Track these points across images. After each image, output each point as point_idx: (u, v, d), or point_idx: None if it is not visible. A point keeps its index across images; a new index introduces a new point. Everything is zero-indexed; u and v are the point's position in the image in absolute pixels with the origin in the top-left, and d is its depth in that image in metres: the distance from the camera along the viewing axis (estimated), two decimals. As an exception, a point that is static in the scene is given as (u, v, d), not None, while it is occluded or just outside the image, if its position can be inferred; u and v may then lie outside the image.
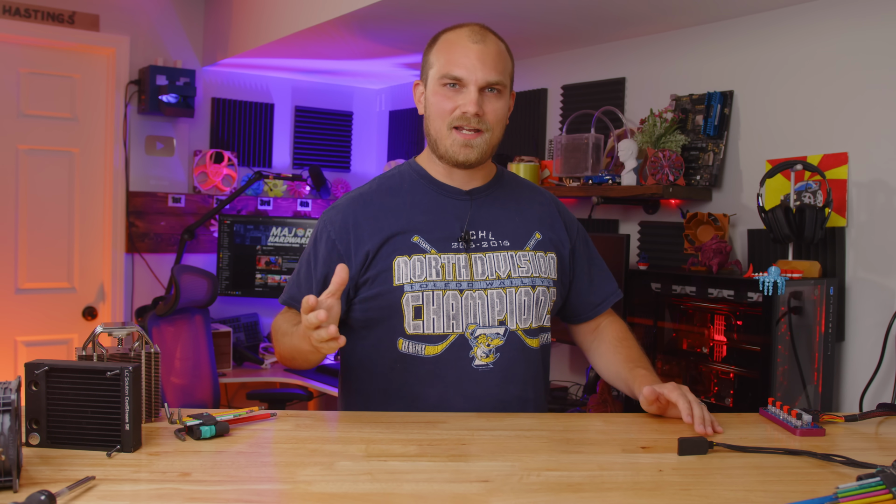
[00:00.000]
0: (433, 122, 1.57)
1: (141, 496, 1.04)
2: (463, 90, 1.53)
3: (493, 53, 1.54)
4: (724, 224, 2.62)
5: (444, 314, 1.53)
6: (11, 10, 3.53)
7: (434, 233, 1.57)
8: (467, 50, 1.53)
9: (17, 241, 3.68)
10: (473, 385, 1.54)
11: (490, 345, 1.55)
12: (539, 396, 1.64)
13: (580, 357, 3.25)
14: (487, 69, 1.52)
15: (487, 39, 1.55)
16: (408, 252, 1.54)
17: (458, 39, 1.55)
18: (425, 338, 1.53)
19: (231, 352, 3.74)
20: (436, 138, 1.58)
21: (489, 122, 1.55)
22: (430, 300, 1.52)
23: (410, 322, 1.53)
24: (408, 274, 1.53)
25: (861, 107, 2.37)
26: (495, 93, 1.55)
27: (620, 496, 1.08)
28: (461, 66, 1.52)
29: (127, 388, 1.20)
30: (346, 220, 1.59)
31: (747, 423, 1.48)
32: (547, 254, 1.64)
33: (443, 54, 1.56)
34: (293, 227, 3.97)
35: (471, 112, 1.52)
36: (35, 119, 3.69)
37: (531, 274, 1.59)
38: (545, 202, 1.72)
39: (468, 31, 1.56)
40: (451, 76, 1.53)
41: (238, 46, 3.67)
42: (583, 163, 2.99)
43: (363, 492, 1.07)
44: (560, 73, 3.40)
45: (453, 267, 1.54)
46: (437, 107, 1.55)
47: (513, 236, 1.61)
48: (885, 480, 1.02)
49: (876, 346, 2.27)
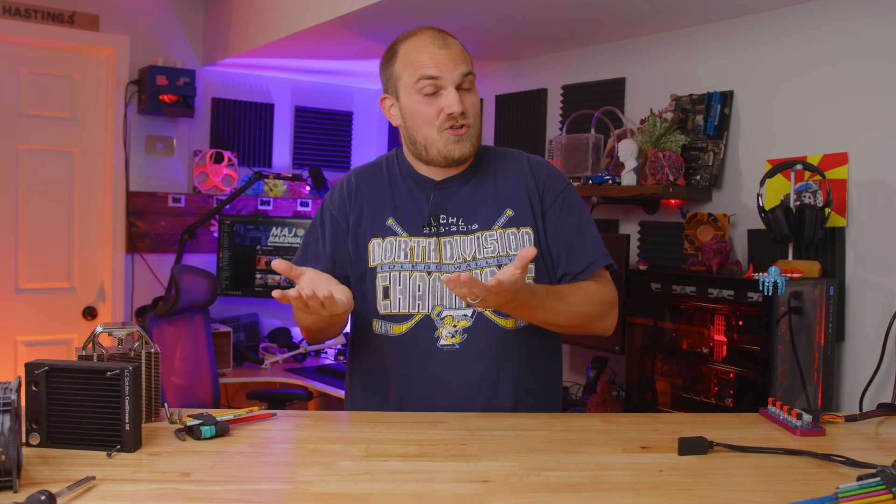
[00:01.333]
0: (420, 130, 1.60)
1: (141, 496, 1.04)
2: (442, 93, 1.57)
3: (459, 51, 1.60)
4: (724, 224, 2.62)
5: (410, 294, 1.58)
6: (11, 10, 3.53)
7: (407, 216, 1.63)
8: (435, 55, 1.57)
9: (17, 241, 3.68)
10: (438, 364, 1.58)
11: (457, 325, 1.58)
12: (521, 379, 1.61)
13: (580, 357, 3.25)
14: (459, 64, 1.58)
15: (448, 40, 1.61)
16: (381, 234, 1.62)
17: (423, 47, 1.59)
18: (392, 317, 1.60)
19: (231, 352, 3.74)
20: (425, 144, 1.60)
21: (471, 115, 1.60)
22: (397, 280, 1.59)
23: (381, 302, 1.60)
24: (380, 255, 1.61)
25: (861, 107, 2.37)
26: (468, 88, 1.60)
27: (620, 496, 1.08)
28: (435, 69, 1.57)
29: (127, 388, 1.20)
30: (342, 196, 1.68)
31: (747, 423, 1.48)
32: (520, 229, 1.62)
33: (410, 64, 1.59)
34: (293, 227, 3.97)
35: (457, 111, 1.56)
36: (35, 119, 3.69)
37: (497, 254, 1.59)
38: (522, 170, 1.67)
39: (429, 38, 1.60)
40: (428, 77, 1.56)
41: (238, 46, 3.67)
42: (583, 163, 2.99)
43: (363, 492, 1.07)
44: (560, 73, 3.40)
45: (423, 250, 1.60)
46: (421, 115, 1.59)
47: (482, 219, 1.63)
48: (885, 480, 1.02)
49: (876, 346, 2.27)
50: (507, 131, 3.67)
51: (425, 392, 1.58)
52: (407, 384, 1.59)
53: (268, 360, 3.80)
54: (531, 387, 1.64)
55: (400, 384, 1.60)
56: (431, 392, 1.58)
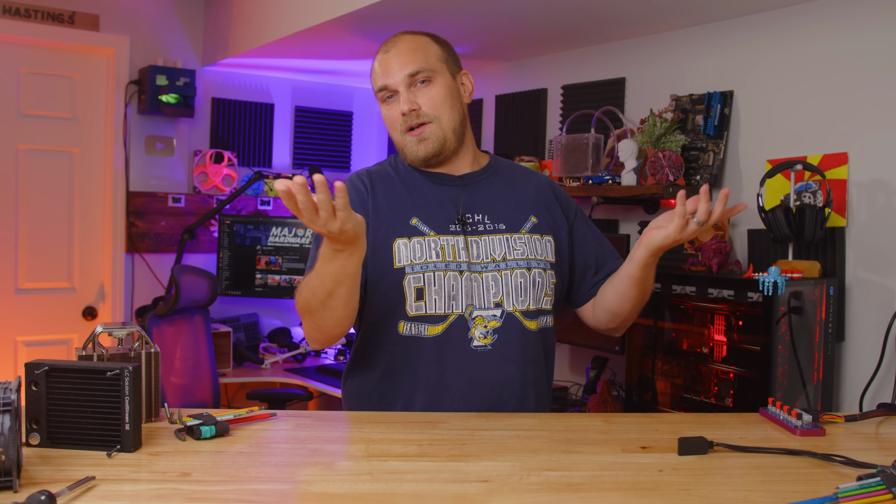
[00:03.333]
0: (392, 135, 1.66)
1: (141, 496, 1.04)
2: (396, 97, 1.61)
3: (407, 50, 1.61)
4: (724, 224, 2.62)
5: (446, 294, 1.55)
6: (11, 10, 3.53)
7: (431, 215, 1.60)
8: (383, 60, 1.62)
9: (17, 241, 3.68)
10: (472, 366, 1.56)
11: (487, 326, 1.57)
12: (540, 379, 1.64)
13: (580, 357, 3.25)
14: (403, 65, 1.59)
15: (399, 41, 1.63)
16: (407, 234, 1.58)
17: (378, 56, 1.65)
18: (427, 318, 1.55)
19: (231, 352, 3.74)
20: (400, 148, 1.65)
21: (429, 111, 1.60)
22: (432, 281, 1.55)
23: (413, 304, 1.55)
24: (408, 256, 1.56)
25: (861, 107, 2.37)
26: (425, 83, 1.60)
27: (620, 496, 1.08)
28: (381, 76, 1.62)
29: (127, 388, 1.20)
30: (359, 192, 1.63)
31: (747, 423, 1.48)
32: (543, 237, 1.65)
33: (373, 73, 1.66)
34: (293, 227, 3.97)
35: (406, 111, 1.59)
36: (35, 119, 3.69)
37: (526, 256, 1.61)
38: (541, 186, 1.74)
39: (384, 45, 1.65)
40: (379, 88, 1.62)
41: (238, 46, 3.67)
42: (583, 163, 2.99)
43: (363, 492, 1.07)
44: (560, 73, 3.40)
45: (452, 248, 1.57)
46: (387, 120, 1.65)
47: (508, 220, 1.63)
48: (885, 480, 1.02)
49: (876, 346, 2.27)
50: (507, 131, 3.67)
51: (460, 394, 1.56)
52: (441, 386, 1.56)
53: (268, 360, 3.80)
54: (543, 386, 1.67)
55: (433, 386, 1.56)
56: (467, 393, 1.56)
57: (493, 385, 1.57)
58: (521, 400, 1.60)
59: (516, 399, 1.59)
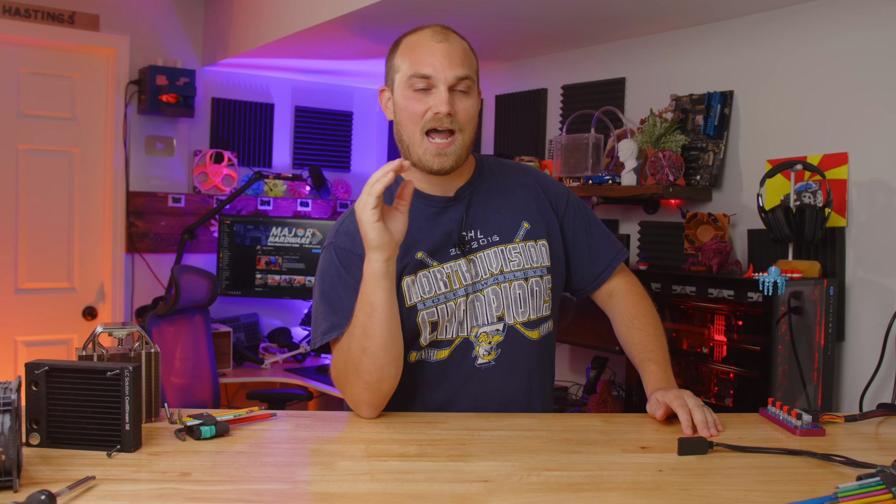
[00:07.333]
0: (405, 128, 1.53)
1: (141, 496, 1.04)
2: (433, 91, 1.50)
3: (459, 51, 1.52)
4: (724, 224, 2.62)
5: (456, 321, 1.55)
6: (11, 10, 3.53)
7: (433, 245, 1.56)
8: (433, 49, 1.50)
9: (17, 241, 3.67)
10: (477, 384, 1.56)
11: (491, 342, 1.56)
12: (544, 386, 1.65)
13: (580, 357, 3.25)
14: (455, 66, 1.49)
15: (451, 38, 1.53)
16: (413, 270, 1.53)
17: (422, 41, 1.52)
18: (437, 343, 1.55)
19: (231, 352, 3.74)
20: (408, 144, 1.53)
21: (461, 121, 1.50)
22: (445, 313, 1.53)
23: (427, 336, 1.53)
24: (418, 292, 1.53)
25: (861, 107, 2.37)
26: (465, 91, 1.51)
27: (620, 496, 1.08)
28: (428, 65, 1.49)
29: (127, 388, 1.20)
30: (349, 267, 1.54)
31: (747, 423, 1.48)
32: (537, 242, 1.62)
33: (408, 56, 1.53)
34: (293, 227, 3.97)
35: (443, 112, 1.48)
36: (35, 119, 3.69)
37: (522, 266, 1.59)
38: (528, 184, 1.67)
39: (431, 31, 1.54)
40: (419, 75, 1.49)
41: (238, 46, 3.67)
42: (583, 163, 2.99)
43: (363, 492, 1.07)
44: (560, 73, 3.40)
45: (457, 274, 1.55)
46: (408, 111, 1.51)
47: (501, 230, 1.60)
48: (885, 480, 1.02)
49: (876, 346, 2.27)
50: (507, 131, 3.67)
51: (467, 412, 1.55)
52: (448, 406, 1.56)
53: (268, 360, 3.80)
54: (547, 393, 1.67)
55: (440, 407, 1.56)
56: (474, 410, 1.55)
57: (500, 400, 1.57)
58: (527, 409, 1.61)
59: (522, 409, 1.60)
